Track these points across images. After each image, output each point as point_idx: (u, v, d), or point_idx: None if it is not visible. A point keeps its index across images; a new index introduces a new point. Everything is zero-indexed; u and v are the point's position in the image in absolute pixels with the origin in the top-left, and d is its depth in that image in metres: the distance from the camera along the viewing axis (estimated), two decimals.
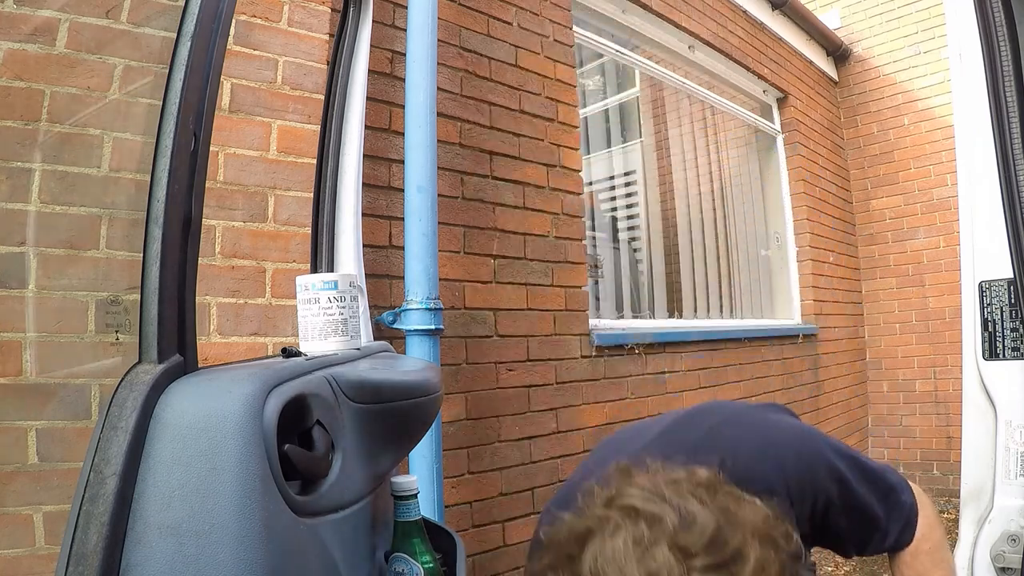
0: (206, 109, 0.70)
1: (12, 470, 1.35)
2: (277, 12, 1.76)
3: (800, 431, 0.95)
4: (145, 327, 0.62)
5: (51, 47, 1.43)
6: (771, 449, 0.89)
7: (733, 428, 0.92)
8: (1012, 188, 0.84)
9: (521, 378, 2.29)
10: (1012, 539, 1.11)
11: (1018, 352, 1.14)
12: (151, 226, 0.64)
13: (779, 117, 4.57)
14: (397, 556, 0.88)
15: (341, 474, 0.74)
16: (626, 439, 1.01)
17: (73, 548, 0.53)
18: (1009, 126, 0.83)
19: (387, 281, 1.93)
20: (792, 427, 0.97)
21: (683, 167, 3.85)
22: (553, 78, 2.57)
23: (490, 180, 2.28)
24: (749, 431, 0.92)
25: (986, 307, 1.17)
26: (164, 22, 1.54)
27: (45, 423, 1.38)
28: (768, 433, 0.92)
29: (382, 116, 1.98)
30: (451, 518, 1.99)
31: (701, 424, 0.93)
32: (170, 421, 0.59)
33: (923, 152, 4.75)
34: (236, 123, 1.68)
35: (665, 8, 3.34)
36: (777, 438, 0.91)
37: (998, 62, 0.83)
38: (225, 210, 1.64)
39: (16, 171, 1.40)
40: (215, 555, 0.55)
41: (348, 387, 0.80)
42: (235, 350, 1.61)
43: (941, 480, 4.58)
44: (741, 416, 0.97)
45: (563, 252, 2.52)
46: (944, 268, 4.61)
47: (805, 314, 4.38)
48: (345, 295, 0.98)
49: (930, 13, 4.67)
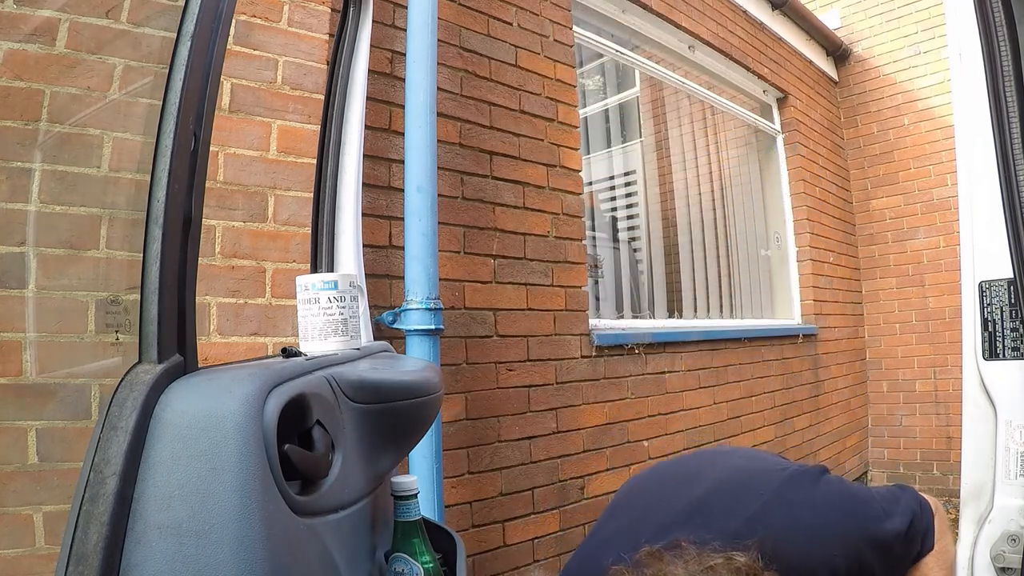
0: (206, 109, 0.70)
1: (12, 470, 1.35)
2: (277, 12, 1.76)
3: (844, 511, 0.91)
4: (145, 327, 0.62)
5: (51, 47, 1.43)
6: (817, 536, 0.85)
7: (776, 510, 0.87)
8: (1012, 188, 0.84)
9: (521, 378, 2.29)
10: (1012, 539, 1.10)
11: (1018, 352, 1.14)
12: (151, 226, 0.64)
13: (779, 117, 4.57)
14: (397, 556, 0.88)
15: (341, 474, 0.74)
16: (653, 504, 0.95)
17: (73, 548, 0.53)
18: (1009, 126, 0.83)
19: (387, 281, 1.93)
20: (837, 505, 0.92)
21: (683, 167, 3.85)
22: (553, 78, 2.57)
23: (490, 180, 2.29)
24: (792, 513, 0.87)
25: (986, 307, 1.17)
26: (164, 22, 1.54)
27: (45, 423, 1.38)
28: (815, 518, 0.87)
29: (382, 116, 1.98)
30: (451, 518, 1.99)
31: (741, 502, 0.88)
32: (170, 421, 0.59)
33: (923, 152, 4.75)
34: (236, 123, 1.68)
35: (665, 8, 3.34)
36: (822, 523, 0.87)
37: (998, 62, 0.83)
38: (225, 210, 1.64)
39: (16, 171, 1.40)
40: (215, 555, 0.54)
41: (348, 387, 0.80)
42: (235, 350, 1.61)
43: (941, 480, 4.58)
44: (783, 494, 0.91)
45: (563, 252, 2.52)
46: (944, 268, 4.61)
47: (805, 314, 4.38)
48: (345, 295, 0.98)
49: (930, 13, 4.67)
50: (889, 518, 0.92)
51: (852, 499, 0.94)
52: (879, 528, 0.90)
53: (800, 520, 0.87)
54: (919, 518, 0.96)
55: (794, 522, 0.86)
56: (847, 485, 0.98)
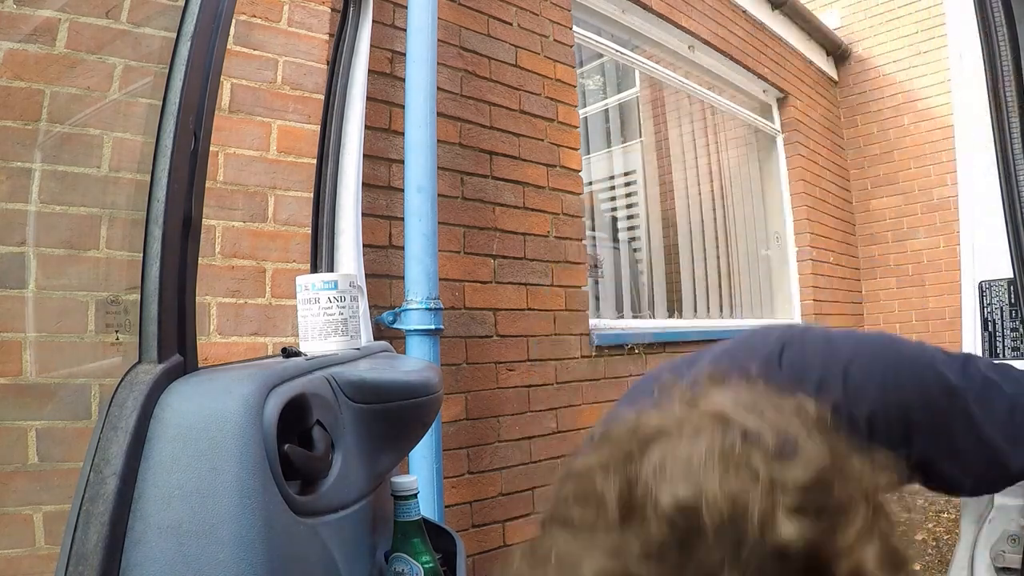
0: (206, 109, 0.70)
1: (12, 470, 1.35)
2: (277, 12, 1.76)
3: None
4: (145, 327, 0.62)
5: (51, 47, 1.43)
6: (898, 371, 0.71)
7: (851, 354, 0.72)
8: (1012, 188, 0.84)
9: (521, 378, 2.29)
10: (1012, 539, 1.10)
11: (1018, 352, 1.14)
12: (151, 226, 0.64)
13: (779, 117, 4.57)
14: (397, 556, 0.88)
15: (341, 474, 0.74)
16: (685, 362, 0.80)
17: (73, 548, 0.53)
18: (1009, 126, 0.83)
19: (387, 281, 1.93)
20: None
21: (683, 167, 3.85)
22: (553, 78, 2.57)
23: (490, 180, 2.28)
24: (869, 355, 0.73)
25: (986, 307, 1.17)
26: (164, 22, 1.54)
27: (45, 423, 1.38)
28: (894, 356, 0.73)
29: (382, 116, 1.98)
30: (451, 518, 1.99)
31: (807, 348, 0.75)
32: (170, 421, 0.59)
33: (923, 152, 4.75)
34: (236, 123, 1.67)
35: (665, 8, 3.34)
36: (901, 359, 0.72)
37: (998, 62, 0.83)
38: (225, 210, 1.64)
39: (16, 171, 1.40)
40: (215, 555, 0.54)
41: (348, 387, 0.80)
42: (235, 350, 1.61)
43: None
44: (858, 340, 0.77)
45: (563, 252, 2.52)
46: (944, 268, 4.61)
47: (805, 314, 4.38)
48: (345, 295, 0.98)
49: (930, 13, 4.67)
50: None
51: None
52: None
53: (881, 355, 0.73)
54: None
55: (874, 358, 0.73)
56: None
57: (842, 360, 0.73)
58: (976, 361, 0.77)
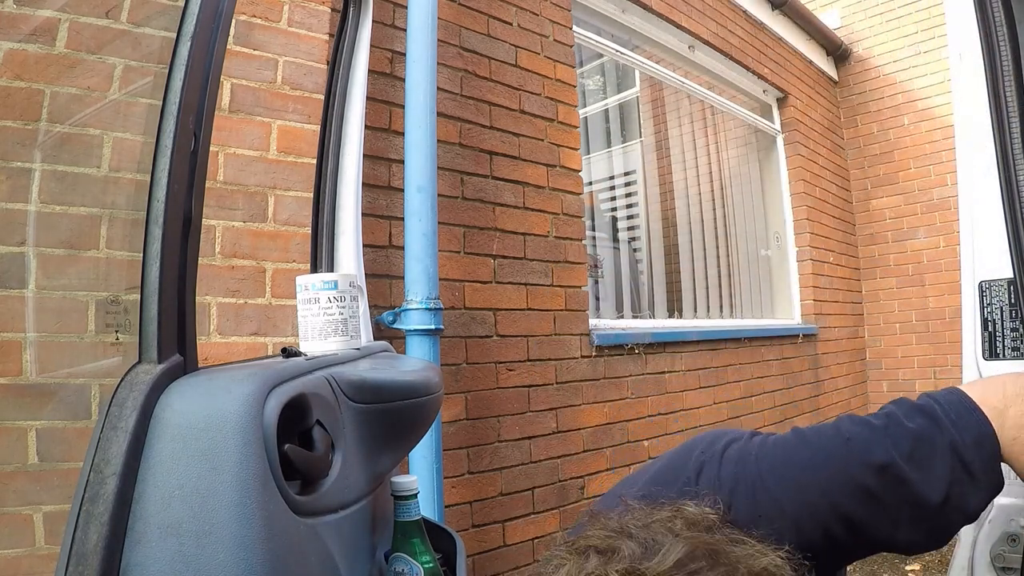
0: (206, 109, 0.70)
1: (12, 470, 1.35)
2: (277, 12, 1.76)
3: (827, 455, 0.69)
4: (145, 327, 0.62)
5: (51, 47, 1.43)
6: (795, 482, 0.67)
7: (742, 464, 0.70)
8: (1012, 188, 0.84)
9: (521, 378, 2.29)
10: (1012, 539, 1.10)
11: (1018, 352, 1.14)
12: (151, 226, 0.64)
13: (779, 117, 4.57)
14: (397, 556, 0.88)
15: (341, 474, 0.74)
16: (629, 481, 0.80)
17: (73, 548, 0.53)
18: (1009, 126, 0.83)
19: (387, 281, 1.93)
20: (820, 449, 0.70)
21: (683, 167, 3.85)
22: (553, 78, 2.58)
23: (490, 180, 2.29)
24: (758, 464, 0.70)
25: (986, 307, 1.17)
26: (164, 22, 1.54)
27: (45, 423, 1.38)
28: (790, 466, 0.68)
29: (382, 116, 1.98)
30: (451, 518, 1.99)
31: (697, 458, 0.73)
32: (170, 421, 0.59)
33: (923, 152, 4.75)
34: (236, 123, 1.68)
35: (665, 8, 3.34)
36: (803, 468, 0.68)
37: (998, 62, 0.83)
38: (225, 210, 1.64)
39: (16, 171, 1.40)
40: (215, 555, 0.54)
41: (348, 387, 0.80)
42: (235, 350, 1.61)
43: None
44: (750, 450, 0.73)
45: (563, 252, 2.52)
46: (944, 268, 4.61)
47: (805, 314, 4.38)
48: (345, 295, 0.98)
49: (930, 13, 4.67)
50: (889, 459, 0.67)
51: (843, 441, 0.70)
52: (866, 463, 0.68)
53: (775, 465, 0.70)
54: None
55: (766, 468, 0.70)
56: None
57: (751, 476, 0.70)
58: (850, 425, 0.71)
